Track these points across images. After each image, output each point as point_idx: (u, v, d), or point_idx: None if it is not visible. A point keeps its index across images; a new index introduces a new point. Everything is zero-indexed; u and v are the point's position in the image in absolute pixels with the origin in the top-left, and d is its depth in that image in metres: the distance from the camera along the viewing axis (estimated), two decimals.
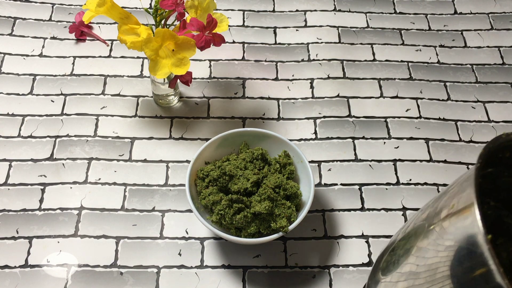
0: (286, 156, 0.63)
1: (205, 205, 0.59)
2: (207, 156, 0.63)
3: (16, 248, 0.60)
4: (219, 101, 0.75)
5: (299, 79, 0.78)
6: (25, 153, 0.68)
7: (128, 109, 0.73)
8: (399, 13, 0.87)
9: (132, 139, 0.70)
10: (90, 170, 0.67)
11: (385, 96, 0.76)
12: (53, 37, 0.80)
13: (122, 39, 0.62)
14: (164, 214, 0.64)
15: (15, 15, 0.82)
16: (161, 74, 0.62)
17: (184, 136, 0.71)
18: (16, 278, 0.58)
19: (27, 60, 0.77)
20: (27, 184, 0.65)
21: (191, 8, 0.64)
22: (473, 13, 0.88)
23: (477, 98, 0.77)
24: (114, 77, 0.76)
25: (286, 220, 0.57)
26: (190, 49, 0.62)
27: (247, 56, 0.80)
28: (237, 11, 0.85)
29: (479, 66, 0.81)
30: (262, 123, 0.73)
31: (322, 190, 0.67)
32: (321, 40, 0.82)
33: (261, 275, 0.60)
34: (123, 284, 0.58)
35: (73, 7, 0.84)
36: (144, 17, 0.81)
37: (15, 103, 0.73)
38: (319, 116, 0.74)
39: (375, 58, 0.81)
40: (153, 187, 0.66)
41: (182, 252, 0.61)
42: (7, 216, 0.63)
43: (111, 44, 0.80)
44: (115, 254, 0.61)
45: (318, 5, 0.87)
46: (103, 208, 0.64)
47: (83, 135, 0.70)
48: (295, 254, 0.62)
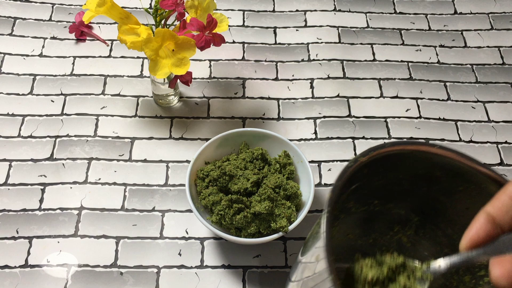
0: (286, 156, 0.63)
1: (205, 205, 0.59)
2: (207, 156, 0.63)
3: (16, 248, 0.60)
4: (219, 101, 0.75)
5: (299, 79, 0.78)
6: (25, 153, 0.68)
7: (128, 109, 0.73)
8: (399, 13, 0.87)
9: (132, 139, 0.70)
10: (90, 170, 0.67)
11: (385, 96, 0.76)
12: (53, 37, 0.80)
13: (122, 39, 0.62)
14: (164, 214, 0.64)
15: (15, 15, 0.82)
16: (161, 74, 0.62)
17: (184, 136, 0.71)
18: (16, 278, 0.58)
19: (27, 60, 0.77)
20: (27, 184, 0.65)
21: (191, 8, 0.64)
22: (473, 13, 0.88)
23: (477, 98, 0.77)
24: (114, 77, 0.76)
25: (286, 220, 0.57)
26: (190, 49, 0.62)
27: (247, 56, 0.80)
28: (237, 11, 0.85)
29: (479, 66, 0.81)
30: (262, 123, 0.73)
31: (322, 190, 0.67)
32: (321, 40, 0.82)
33: (261, 275, 0.60)
34: (123, 284, 0.58)
35: (73, 7, 0.84)
36: (144, 17, 0.81)
37: (15, 103, 0.73)
38: (319, 116, 0.74)
39: (375, 58, 0.81)
40: (153, 187, 0.66)
41: (182, 252, 0.61)
42: (7, 216, 0.63)
43: (111, 44, 0.80)
44: (115, 254, 0.61)
45: (318, 5, 0.87)
46: (103, 208, 0.64)
47: (83, 135, 0.70)
48: (295, 254, 0.62)
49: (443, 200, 0.45)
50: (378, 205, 0.48)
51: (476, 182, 0.41)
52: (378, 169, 0.42)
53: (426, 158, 0.42)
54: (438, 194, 0.45)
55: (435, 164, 0.42)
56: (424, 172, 0.43)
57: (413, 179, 0.45)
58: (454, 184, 0.43)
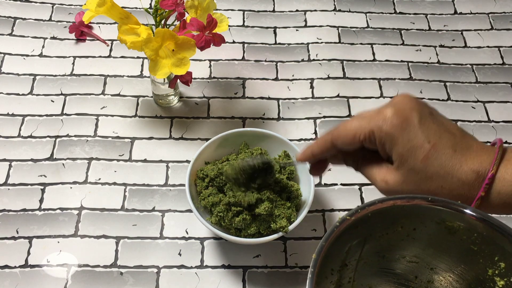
0: (286, 156, 0.62)
1: (204, 206, 0.59)
2: (207, 156, 0.63)
3: (16, 248, 0.60)
4: (219, 101, 0.75)
5: (299, 79, 0.78)
6: (25, 153, 0.68)
7: (128, 109, 0.73)
8: (399, 13, 0.87)
9: (132, 139, 0.70)
10: (90, 170, 0.67)
11: (385, 96, 0.76)
12: (53, 37, 0.80)
13: (122, 39, 0.62)
14: (164, 214, 0.64)
15: (15, 15, 0.82)
16: (161, 74, 0.62)
17: (184, 136, 0.71)
18: (16, 278, 0.58)
19: (27, 60, 0.77)
20: (27, 184, 0.65)
21: (191, 8, 0.64)
22: (473, 13, 0.88)
23: (477, 98, 0.77)
24: (114, 77, 0.76)
25: (286, 220, 0.56)
26: (190, 49, 0.62)
27: (247, 56, 0.80)
28: (237, 11, 0.85)
29: (479, 66, 0.81)
30: (262, 123, 0.73)
31: (322, 190, 0.67)
32: (321, 40, 0.82)
33: (261, 275, 0.60)
34: (123, 284, 0.58)
35: (73, 7, 0.84)
36: (144, 17, 0.81)
37: (15, 103, 0.73)
38: (319, 116, 0.74)
39: (375, 58, 0.81)
40: (153, 187, 0.66)
41: (182, 252, 0.61)
42: (7, 216, 0.63)
43: (111, 44, 0.80)
44: (115, 254, 0.61)
45: (318, 5, 0.87)
46: (103, 208, 0.64)
47: (83, 135, 0.70)
48: (295, 254, 0.62)
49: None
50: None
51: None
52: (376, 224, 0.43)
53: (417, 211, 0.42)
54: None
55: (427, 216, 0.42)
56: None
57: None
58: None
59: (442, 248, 0.45)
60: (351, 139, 0.44)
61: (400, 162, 0.42)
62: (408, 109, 0.42)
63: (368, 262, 0.47)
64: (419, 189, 0.42)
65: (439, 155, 0.41)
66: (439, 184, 0.41)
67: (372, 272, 0.49)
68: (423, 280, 0.48)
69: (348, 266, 0.46)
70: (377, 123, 0.42)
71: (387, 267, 0.49)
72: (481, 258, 0.42)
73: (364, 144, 0.44)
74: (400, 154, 0.42)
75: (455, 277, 0.46)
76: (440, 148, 0.41)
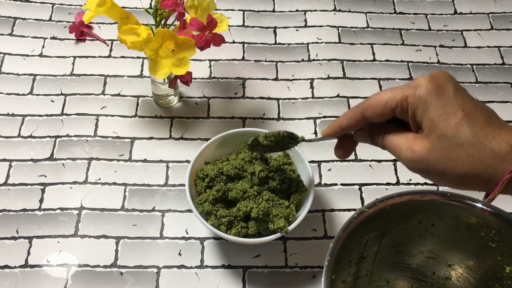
0: (286, 156, 0.62)
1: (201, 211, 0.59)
2: (207, 156, 0.63)
3: (16, 248, 0.60)
4: (219, 101, 0.75)
5: (299, 79, 0.78)
6: (25, 153, 0.68)
7: (128, 109, 0.73)
8: (399, 13, 0.87)
9: (132, 139, 0.70)
10: (90, 170, 0.67)
11: None
12: (53, 37, 0.80)
13: (122, 39, 0.62)
14: (164, 214, 0.64)
15: (15, 15, 0.82)
16: (161, 74, 0.62)
17: (184, 136, 0.71)
18: (16, 278, 0.58)
19: (27, 60, 0.77)
20: (27, 184, 0.65)
21: (191, 8, 0.64)
22: (473, 13, 0.88)
23: (477, 98, 0.77)
24: (114, 77, 0.76)
25: (284, 220, 0.56)
26: (190, 49, 0.62)
27: (247, 56, 0.80)
28: (237, 11, 0.85)
29: (479, 66, 0.81)
30: (262, 123, 0.73)
31: (322, 190, 0.67)
32: (321, 40, 0.82)
33: (261, 275, 0.60)
34: (123, 284, 0.58)
35: (73, 7, 0.84)
36: (144, 17, 0.81)
37: (15, 103, 0.73)
38: (319, 116, 0.74)
39: (375, 58, 0.81)
40: (153, 187, 0.66)
41: (182, 252, 0.61)
42: (7, 216, 0.63)
43: (111, 44, 0.80)
44: (115, 254, 0.61)
45: (318, 5, 0.87)
46: (103, 208, 0.64)
47: (83, 135, 0.70)
48: (295, 254, 0.62)
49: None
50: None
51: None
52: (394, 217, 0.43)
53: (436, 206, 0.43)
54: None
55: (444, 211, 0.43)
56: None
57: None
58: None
59: (460, 244, 0.45)
60: (383, 108, 0.43)
61: (430, 128, 0.41)
62: (443, 79, 0.42)
63: (386, 256, 0.47)
64: (447, 157, 0.40)
65: (472, 123, 0.40)
66: (470, 152, 0.40)
67: (389, 266, 0.49)
68: (440, 276, 0.48)
69: (366, 259, 0.46)
70: (411, 89, 0.42)
71: (404, 261, 0.49)
72: (499, 255, 0.42)
73: (395, 112, 0.43)
74: (431, 119, 0.41)
75: (472, 274, 0.46)
76: (473, 117, 0.40)
